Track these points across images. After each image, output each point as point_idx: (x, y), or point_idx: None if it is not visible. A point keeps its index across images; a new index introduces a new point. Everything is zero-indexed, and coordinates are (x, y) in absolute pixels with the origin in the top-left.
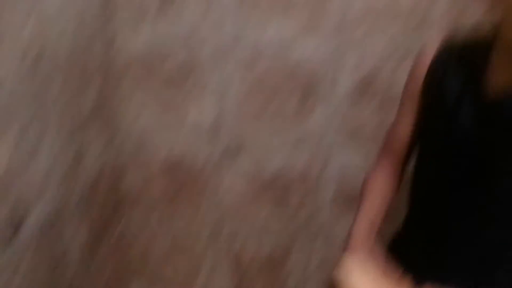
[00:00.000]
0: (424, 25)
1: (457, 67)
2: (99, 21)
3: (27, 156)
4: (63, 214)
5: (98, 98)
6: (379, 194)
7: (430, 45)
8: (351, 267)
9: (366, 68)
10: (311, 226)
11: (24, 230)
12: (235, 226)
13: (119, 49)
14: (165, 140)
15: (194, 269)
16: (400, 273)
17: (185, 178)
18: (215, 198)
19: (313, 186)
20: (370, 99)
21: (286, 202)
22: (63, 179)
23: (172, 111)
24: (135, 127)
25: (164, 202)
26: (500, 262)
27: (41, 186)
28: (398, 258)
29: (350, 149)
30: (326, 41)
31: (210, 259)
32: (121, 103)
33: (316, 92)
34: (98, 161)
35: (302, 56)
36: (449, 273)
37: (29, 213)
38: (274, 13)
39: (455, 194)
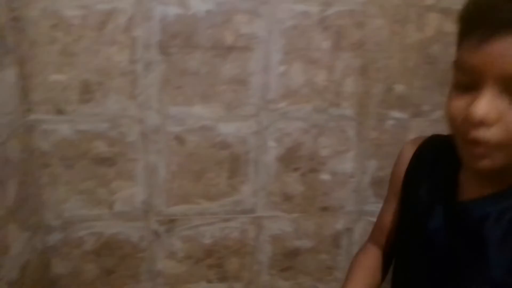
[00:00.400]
0: (338, 100)
1: (435, 167)
2: (17, 113)
3: None
4: None
5: (20, 189)
6: (363, 276)
7: (412, 142)
8: None
9: (288, 142)
10: None
11: None
12: None
13: (41, 138)
14: (94, 222)
15: None
16: None
17: (117, 260)
18: (150, 277)
19: (249, 252)
20: (293, 170)
21: (224, 270)
22: None
23: (101, 192)
24: (62, 212)
25: (97, 285)
26: None
27: None
28: None
29: (280, 216)
30: (249, 119)
31: None
32: (46, 190)
33: (243, 166)
34: (23, 253)
35: (228, 133)
36: None
37: None
38: (197, 95)
39: None
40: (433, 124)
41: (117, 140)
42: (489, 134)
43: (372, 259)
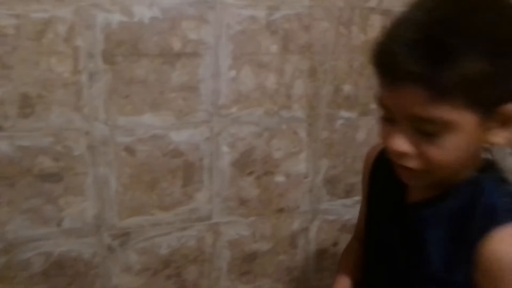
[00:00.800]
0: (289, 103)
1: (391, 171)
2: None
3: None
4: None
5: None
6: (349, 271)
7: (375, 147)
8: None
9: (241, 147)
10: None
11: None
12: None
13: None
14: (42, 242)
15: None
16: None
17: (69, 279)
18: None
19: (207, 259)
20: (248, 174)
21: (183, 279)
22: None
23: (48, 210)
24: (5, 234)
25: None
26: None
27: None
28: None
29: (236, 220)
30: (201, 125)
31: None
32: None
33: (198, 174)
34: None
35: (180, 141)
36: None
37: None
38: (146, 104)
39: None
40: None
41: (63, 154)
42: (411, 163)
43: (355, 254)
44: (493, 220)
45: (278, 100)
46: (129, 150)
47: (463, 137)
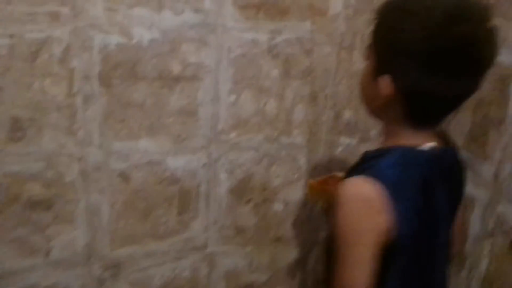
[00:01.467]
0: (289, 129)
1: None
2: None
3: None
4: None
5: None
6: None
7: None
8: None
9: (239, 174)
10: None
11: None
12: None
13: None
14: (28, 273)
15: None
16: None
17: None
18: None
19: None
20: (245, 202)
21: None
22: None
23: (35, 239)
24: None
25: None
26: None
27: None
28: None
29: (233, 250)
30: (199, 151)
31: None
32: None
33: (194, 201)
34: None
35: (177, 168)
36: None
37: None
38: (143, 128)
39: None
40: None
41: (53, 180)
42: None
43: None
44: (365, 170)
45: (278, 126)
46: (124, 176)
47: (367, 72)
